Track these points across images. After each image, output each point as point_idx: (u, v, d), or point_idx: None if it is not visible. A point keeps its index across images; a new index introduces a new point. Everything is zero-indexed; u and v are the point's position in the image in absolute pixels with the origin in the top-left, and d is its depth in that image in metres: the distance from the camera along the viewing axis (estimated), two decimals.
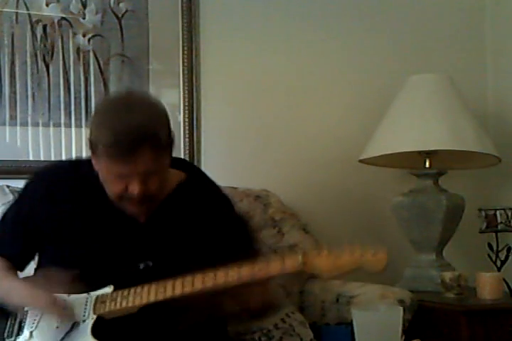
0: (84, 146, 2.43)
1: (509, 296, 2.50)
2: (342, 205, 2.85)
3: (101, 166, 1.61)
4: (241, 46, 2.77)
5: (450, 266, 2.64)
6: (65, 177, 1.74)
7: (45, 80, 2.51)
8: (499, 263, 2.62)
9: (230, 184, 2.34)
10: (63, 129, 2.52)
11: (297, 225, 2.52)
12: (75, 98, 2.54)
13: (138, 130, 1.53)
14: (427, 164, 2.70)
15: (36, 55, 2.50)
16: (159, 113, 1.62)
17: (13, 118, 2.47)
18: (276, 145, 2.79)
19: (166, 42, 2.66)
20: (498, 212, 2.63)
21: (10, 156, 2.47)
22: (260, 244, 1.82)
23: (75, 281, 1.62)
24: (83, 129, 2.53)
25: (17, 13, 2.48)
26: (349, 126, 2.87)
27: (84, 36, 2.55)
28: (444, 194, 2.64)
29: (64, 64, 2.53)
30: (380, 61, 2.93)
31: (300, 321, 2.22)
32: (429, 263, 2.64)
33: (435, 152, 2.66)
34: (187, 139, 2.65)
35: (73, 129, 2.53)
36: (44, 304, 1.57)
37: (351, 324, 1.51)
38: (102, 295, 1.59)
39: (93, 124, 1.61)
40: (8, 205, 1.86)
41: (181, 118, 2.65)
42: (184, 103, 2.66)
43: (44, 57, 2.51)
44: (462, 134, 2.57)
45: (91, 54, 2.56)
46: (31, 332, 1.60)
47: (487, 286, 2.43)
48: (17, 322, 1.64)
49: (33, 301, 1.59)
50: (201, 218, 1.72)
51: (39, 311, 1.61)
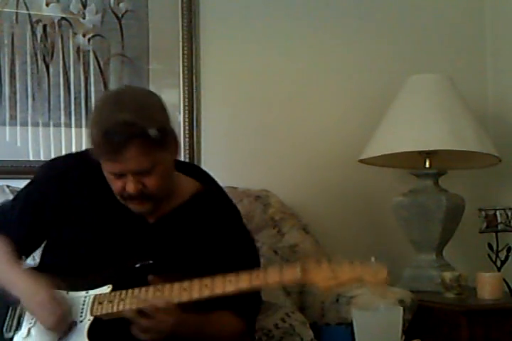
0: (84, 146, 2.43)
1: (509, 296, 2.50)
2: (342, 205, 2.84)
3: (102, 165, 1.61)
4: (241, 46, 2.77)
5: (450, 266, 2.64)
6: (80, 168, 1.73)
7: (45, 80, 2.51)
8: (499, 263, 2.62)
9: (230, 184, 2.34)
10: (63, 129, 2.53)
11: (297, 225, 2.51)
12: (75, 98, 2.54)
13: (124, 127, 1.51)
14: (427, 164, 2.70)
15: (36, 55, 2.50)
16: (151, 109, 1.58)
17: (13, 118, 2.47)
18: (276, 145, 2.79)
19: (166, 42, 2.66)
20: (498, 212, 2.63)
21: (10, 156, 2.47)
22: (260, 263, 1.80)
23: (75, 276, 1.63)
24: (83, 129, 2.53)
25: (17, 13, 2.48)
26: (349, 126, 2.87)
27: (84, 36, 2.55)
28: (444, 194, 2.64)
29: (64, 64, 2.53)
30: (380, 61, 2.93)
31: (301, 321, 2.22)
32: (429, 263, 2.64)
33: (435, 152, 2.66)
34: (187, 139, 2.65)
35: (73, 129, 2.53)
36: (40, 300, 1.56)
37: (351, 324, 1.51)
38: (100, 295, 1.59)
39: (89, 123, 1.61)
40: (22, 187, 1.82)
41: (181, 118, 2.65)
42: (184, 103, 2.66)
43: (44, 57, 2.51)
44: (462, 134, 2.57)
45: (91, 54, 2.56)
46: (29, 329, 1.61)
47: (487, 286, 2.43)
48: (16, 316, 1.64)
49: (30, 296, 1.58)
50: (209, 231, 1.71)
51: (30, 311, 1.61)
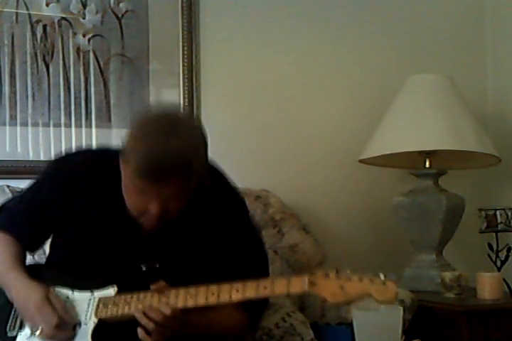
0: (84, 146, 2.43)
1: (509, 296, 2.50)
2: (342, 205, 2.84)
3: (126, 174, 1.56)
4: (241, 46, 2.77)
5: (450, 266, 2.64)
6: (90, 167, 1.70)
7: (45, 80, 2.51)
8: (499, 263, 2.62)
9: None
10: (63, 129, 2.52)
11: (297, 225, 2.51)
12: (75, 98, 2.54)
13: (173, 157, 1.48)
14: (427, 164, 2.70)
15: (36, 55, 2.50)
16: (198, 140, 1.57)
17: (13, 118, 2.47)
18: (276, 145, 2.79)
19: (166, 42, 2.66)
20: (498, 212, 2.63)
21: (10, 156, 2.47)
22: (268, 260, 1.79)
23: (81, 275, 1.62)
24: (83, 129, 2.53)
25: (17, 13, 2.48)
26: (349, 126, 2.87)
27: (84, 36, 2.55)
28: (444, 194, 2.64)
29: (64, 64, 2.53)
30: (380, 61, 2.94)
31: (301, 320, 2.22)
32: (429, 263, 2.64)
33: (435, 152, 2.66)
34: None
35: (73, 129, 2.53)
36: (34, 303, 1.55)
37: (351, 324, 1.51)
38: (105, 297, 1.58)
39: (131, 136, 1.54)
40: (30, 183, 1.79)
41: None
42: (184, 103, 2.66)
43: (44, 57, 2.51)
44: (462, 134, 2.57)
45: (91, 54, 2.56)
46: (33, 329, 1.59)
47: (487, 286, 2.43)
48: (20, 315, 1.63)
49: (26, 298, 1.58)
50: (215, 228, 1.69)
51: (24, 314, 1.60)
